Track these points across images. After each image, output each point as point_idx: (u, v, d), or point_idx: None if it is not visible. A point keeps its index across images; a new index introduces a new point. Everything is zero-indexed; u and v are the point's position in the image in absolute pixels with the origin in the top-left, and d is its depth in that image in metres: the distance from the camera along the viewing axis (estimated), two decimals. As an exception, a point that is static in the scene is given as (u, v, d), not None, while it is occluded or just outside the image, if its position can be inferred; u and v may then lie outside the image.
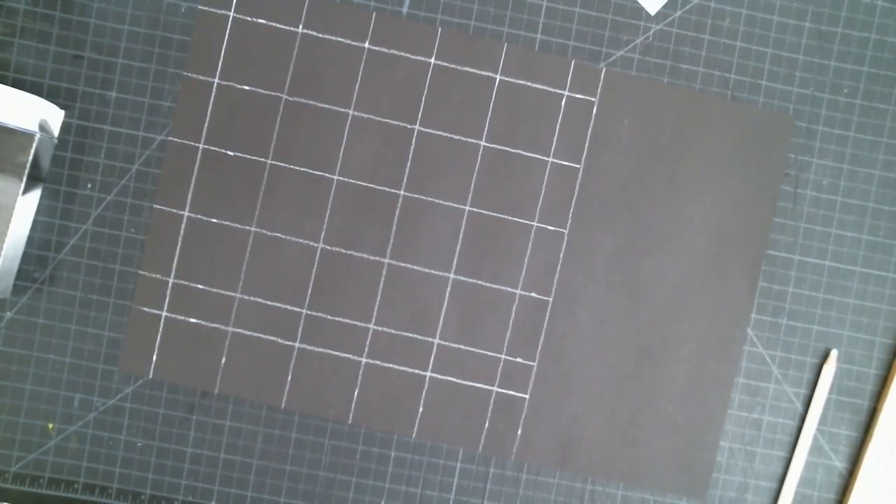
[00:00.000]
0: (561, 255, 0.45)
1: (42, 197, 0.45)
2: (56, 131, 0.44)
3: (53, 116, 0.44)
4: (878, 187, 0.46)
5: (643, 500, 0.45)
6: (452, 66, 0.45)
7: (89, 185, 0.45)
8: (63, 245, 0.45)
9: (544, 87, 0.45)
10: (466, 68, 0.45)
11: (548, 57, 0.45)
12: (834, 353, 0.45)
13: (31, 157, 0.42)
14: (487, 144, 0.45)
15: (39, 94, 0.44)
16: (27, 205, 0.43)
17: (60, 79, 0.45)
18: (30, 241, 0.45)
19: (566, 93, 0.45)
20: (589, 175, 0.45)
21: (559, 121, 0.45)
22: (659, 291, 0.45)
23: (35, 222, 0.45)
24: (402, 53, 0.45)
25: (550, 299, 0.45)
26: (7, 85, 0.44)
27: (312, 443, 0.45)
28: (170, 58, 0.45)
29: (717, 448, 0.45)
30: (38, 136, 0.42)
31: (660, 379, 0.45)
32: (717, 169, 0.45)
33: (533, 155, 0.45)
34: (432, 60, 0.45)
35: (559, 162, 0.45)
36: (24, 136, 0.42)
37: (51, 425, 0.45)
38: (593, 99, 0.45)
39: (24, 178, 0.42)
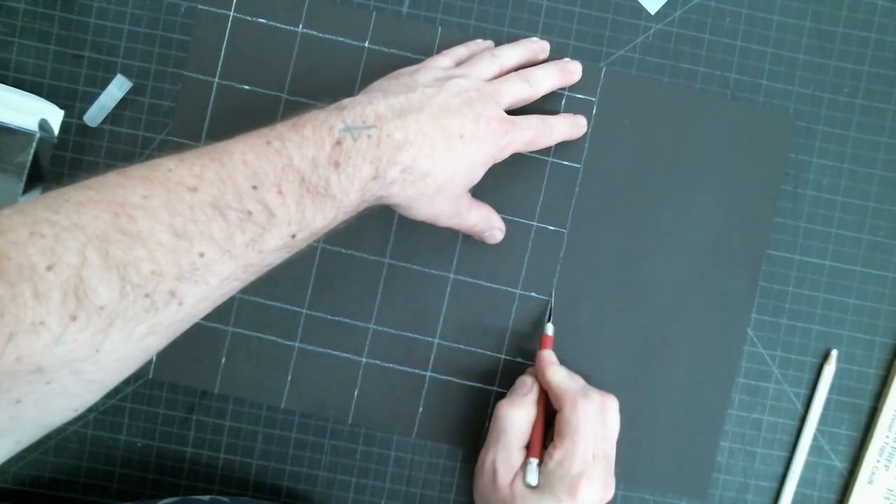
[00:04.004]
0: (561, 255, 0.45)
1: (42, 197, 0.45)
2: (56, 131, 0.44)
3: (53, 116, 0.44)
4: (878, 187, 0.46)
5: (643, 500, 0.45)
6: None
7: (89, 185, 0.45)
8: (63, 245, 0.45)
9: None
10: None
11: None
12: (834, 353, 0.45)
13: (31, 157, 0.42)
14: None
15: (39, 94, 0.44)
16: (27, 205, 0.43)
17: (60, 79, 0.45)
18: (30, 241, 0.45)
19: (566, 93, 0.45)
20: (589, 175, 0.45)
21: None
22: (659, 291, 0.45)
23: (35, 222, 0.45)
24: (402, 53, 0.45)
25: (550, 299, 0.45)
26: (7, 85, 0.43)
27: (312, 443, 0.45)
28: (170, 58, 0.45)
29: (716, 448, 0.45)
30: (38, 136, 0.42)
31: (660, 379, 0.45)
32: (718, 169, 0.45)
33: (533, 155, 0.45)
34: None
35: (559, 162, 0.45)
36: (24, 136, 0.42)
37: (51, 425, 0.45)
38: (593, 99, 0.45)
39: (24, 178, 0.42)
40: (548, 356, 0.42)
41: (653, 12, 0.46)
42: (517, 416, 0.40)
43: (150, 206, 0.29)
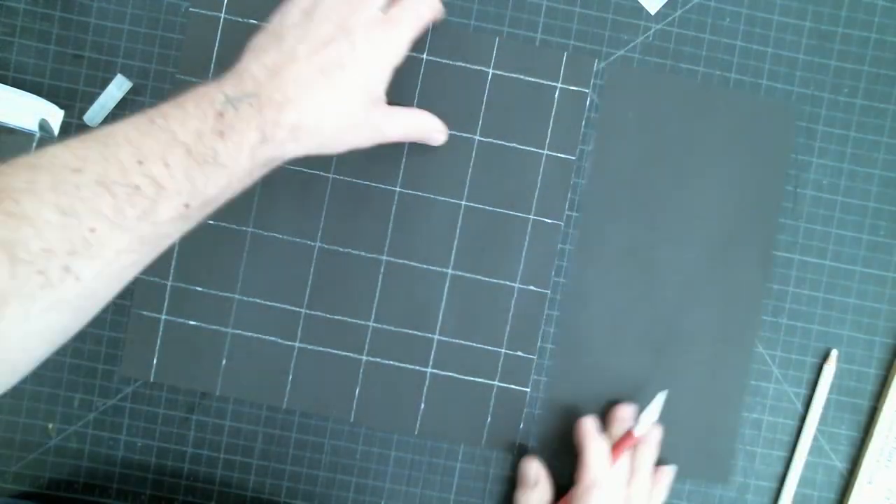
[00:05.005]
0: (565, 247, 0.45)
1: (42, 197, 0.45)
2: (56, 131, 0.44)
3: (53, 116, 0.44)
4: (878, 187, 0.46)
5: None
6: (445, 61, 0.45)
7: (89, 185, 0.45)
8: (63, 245, 0.45)
9: (537, 80, 0.45)
10: (459, 63, 0.45)
11: (540, 50, 0.45)
12: (834, 354, 0.45)
13: (31, 157, 0.42)
14: (482, 139, 0.45)
15: (39, 94, 0.44)
16: (27, 205, 0.43)
17: (60, 79, 0.45)
18: (30, 240, 0.45)
19: (559, 85, 0.45)
20: (596, 167, 0.45)
21: (553, 113, 0.45)
22: (670, 283, 0.45)
23: (35, 222, 0.45)
24: None
25: (548, 292, 0.45)
26: (7, 85, 0.44)
27: (312, 443, 0.45)
28: (170, 58, 0.45)
29: (737, 431, 0.45)
30: (38, 135, 0.42)
31: (676, 367, 0.45)
32: (725, 159, 0.45)
33: (527, 148, 0.45)
34: (424, 56, 0.45)
35: (554, 154, 0.45)
36: (24, 136, 0.42)
37: (51, 425, 0.45)
38: (586, 90, 0.45)
39: (24, 178, 0.42)
40: (593, 430, 0.42)
41: (653, 12, 0.46)
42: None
43: (34, 189, 0.29)
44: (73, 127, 0.45)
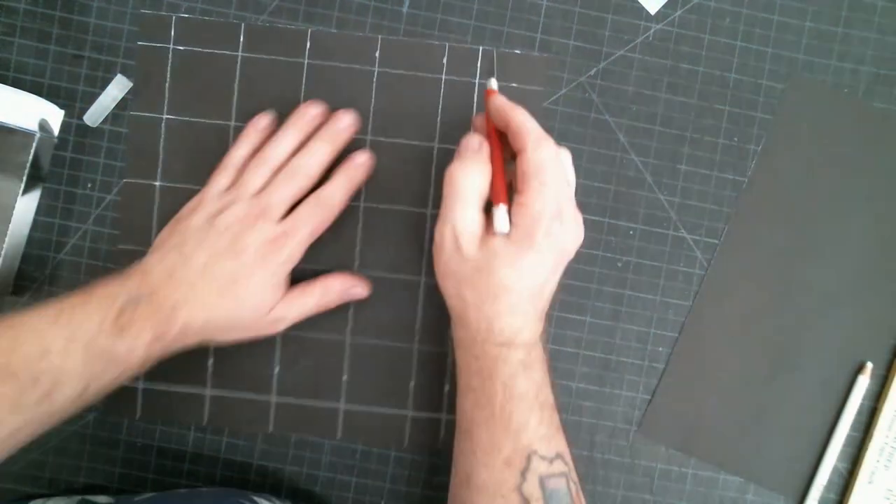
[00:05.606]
0: (721, 238, 0.45)
1: (42, 197, 0.45)
2: (56, 131, 0.44)
3: (53, 116, 0.44)
4: (878, 187, 0.46)
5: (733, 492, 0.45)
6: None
7: (89, 185, 0.45)
8: (63, 245, 0.45)
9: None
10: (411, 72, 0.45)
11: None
12: (869, 366, 0.45)
13: (31, 157, 0.42)
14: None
15: (39, 94, 0.44)
16: (27, 205, 0.43)
17: (60, 79, 0.45)
18: (30, 241, 0.45)
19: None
20: (759, 168, 0.45)
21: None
22: (807, 296, 0.45)
23: (35, 222, 0.45)
24: (342, 64, 0.44)
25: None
26: (7, 85, 0.43)
27: (312, 443, 0.45)
28: (170, 58, 0.45)
29: (820, 462, 0.45)
30: (38, 135, 0.42)
31: (788, 380, 0.45)
32: (888, 187, 0.45)
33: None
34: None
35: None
36: (24, 136, 0.42)
37: (51, 425, 0.45)
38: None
39: (24, 178, 0.42)
40: (507, 100, 0.38)
41: (653, 12, 0.46)
42: (472, 172, 0.37)
43: None
44: (73, 127, 0.45)
